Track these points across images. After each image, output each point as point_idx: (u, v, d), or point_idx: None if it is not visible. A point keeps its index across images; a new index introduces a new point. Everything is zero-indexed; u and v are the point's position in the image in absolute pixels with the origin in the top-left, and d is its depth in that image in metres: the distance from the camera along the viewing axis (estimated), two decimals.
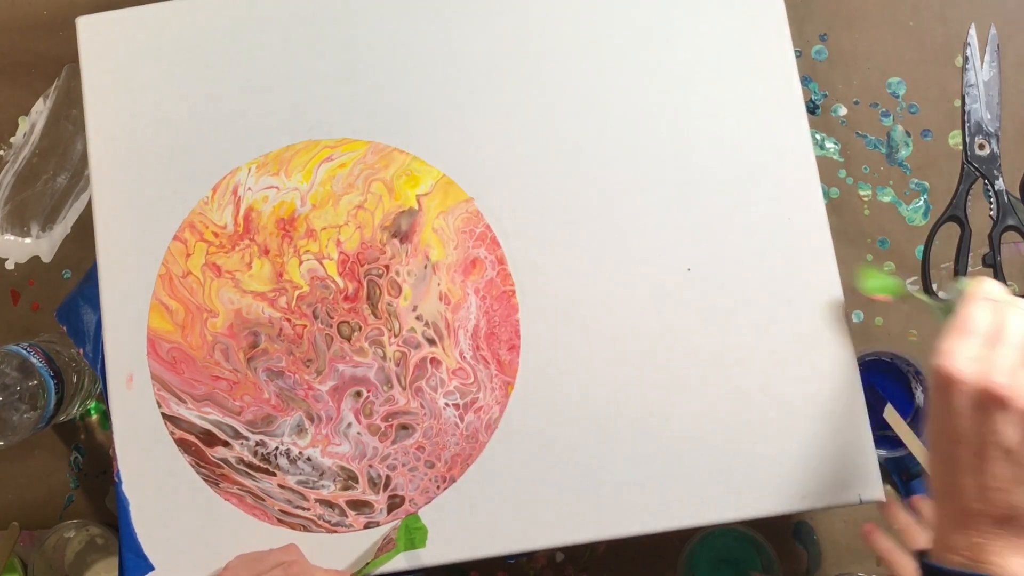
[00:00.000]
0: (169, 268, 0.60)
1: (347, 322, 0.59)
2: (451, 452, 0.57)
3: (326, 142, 0.60)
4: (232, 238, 0.60)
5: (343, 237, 0.59)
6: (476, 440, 0.57)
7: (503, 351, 0.58)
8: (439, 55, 0.60)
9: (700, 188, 0.58)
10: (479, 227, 0.59)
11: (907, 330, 0.72)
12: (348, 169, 0.60)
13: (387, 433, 0.58)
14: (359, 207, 0.59)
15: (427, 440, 0.57)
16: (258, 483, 0.58)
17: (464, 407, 0.57)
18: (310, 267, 0.59)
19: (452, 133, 0.60)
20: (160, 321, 0.60)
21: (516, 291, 0.58)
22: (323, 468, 0.58)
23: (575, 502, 0.56)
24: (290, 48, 0.61)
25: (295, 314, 0.59)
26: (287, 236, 0.60)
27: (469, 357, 0.58)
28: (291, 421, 0.58)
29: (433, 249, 0.59)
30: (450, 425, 0.57)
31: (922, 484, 0.71)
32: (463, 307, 0.58)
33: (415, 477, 0.57)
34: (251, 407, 0.59)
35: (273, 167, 0.60)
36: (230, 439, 0.59)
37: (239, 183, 0.60)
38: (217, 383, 0.59)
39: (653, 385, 0.57)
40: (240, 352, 0.59)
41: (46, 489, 0.74)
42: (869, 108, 0.74)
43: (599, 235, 0.58)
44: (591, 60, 0.60)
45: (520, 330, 0.58)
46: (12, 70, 0.77)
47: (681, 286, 0.58)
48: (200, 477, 0.59)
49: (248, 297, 0.59)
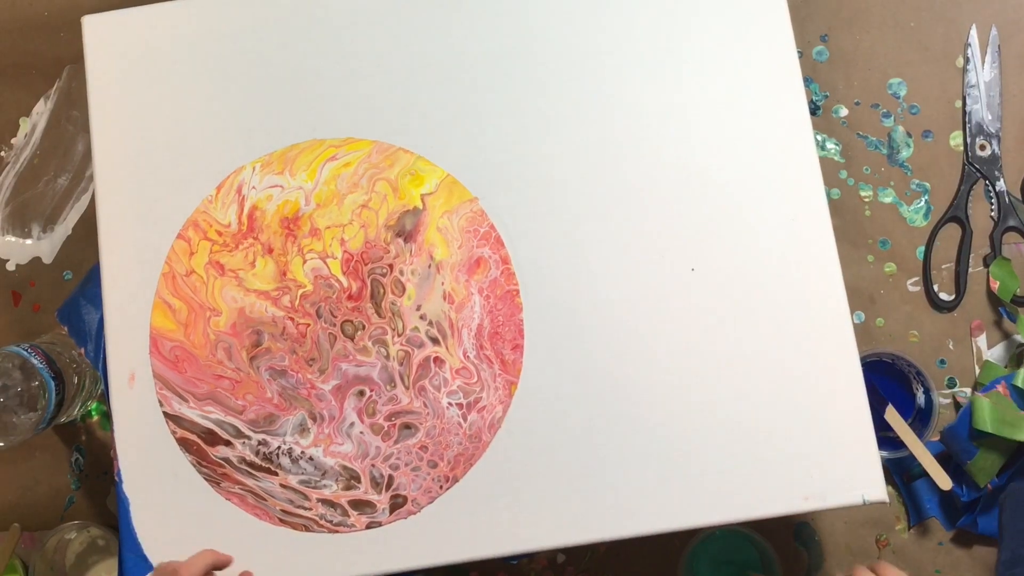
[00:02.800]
0: (172, 266, 0.60)
1: (351, 321, 0.59)
2: (454, 452, 0.57)
3: (331, 141, 0.60)
4: (236, 237, 0.60)
5: (347, 236, 0.59)
6: (479, 440, 0.57)
7: (507, 350, 0.58)
8: (444, 55, 0.61)
9: (704, 188, 0.58)
10: (483, 226, 0.59)
11: (908, 331, 0.73)
12: (353, 168, 0.60)
13: (390, 432, 0.57)
14: (363, 206, 0.59)
15: (430, 440, 0.57)
16: (260, 483, 0.58)
17: (467, 406, 0.57)
18: (314, 266, 0.59)
19: (457, 133, 0.60)
20: (163, 320, 0.60)
21: (520, 290, 0.58)
22: (325, 467, 0.58)
23: (577, 502, 0.56)
24: (295, 47, 0.61)
25: (298, 313, 0.59)
26: (291, 235, 0.60)
27: (473, 356, 0.58)
28: (293, 420, 0.58)
29: (437, 248, 0.59)
30: (453, 424, 0.57)
31: (924, 485, 0.71)
32: (467, 306, 0.58)
33: (418, 477, 0.57)
34: (253, 406, 0.59)
35: (277, 166, 0.60)
36: (232, 438, 0.58)
37: (243, 182, 0.60)
38: (219, 382, 0.59)
39: (656, 385, 0.57)
40: (243, 351, 0.59)
41: (47, 490, 0.74)
42: (870, 109, 0.74)
43: (603, 235, 0.58)
44: (596, 61, 0.60)
45: (524, 329, 0.58)
46: (13, 71, 0.78)
47: (685, 286, 0.58)
48: (201, 476, 0.58)
49: (251, 296, 0.59)
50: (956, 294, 0.73)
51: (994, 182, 0.73)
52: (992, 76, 0.74)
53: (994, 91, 0.73)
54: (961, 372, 0.72)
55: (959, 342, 0.72)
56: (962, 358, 0.72)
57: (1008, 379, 0.69)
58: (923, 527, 0.71)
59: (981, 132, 0.73)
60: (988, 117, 0.73)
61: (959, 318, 0.73)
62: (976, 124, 0.73)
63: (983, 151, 0.73)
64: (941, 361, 0.72)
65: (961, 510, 0.70)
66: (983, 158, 0.73)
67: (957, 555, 0.71)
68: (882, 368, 0.71)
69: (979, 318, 0.72)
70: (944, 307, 0.73)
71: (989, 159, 0.73)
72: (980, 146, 0.73)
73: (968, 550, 0.71)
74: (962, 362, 0.72)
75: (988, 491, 0.68)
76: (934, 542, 0.71)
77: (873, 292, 0.73)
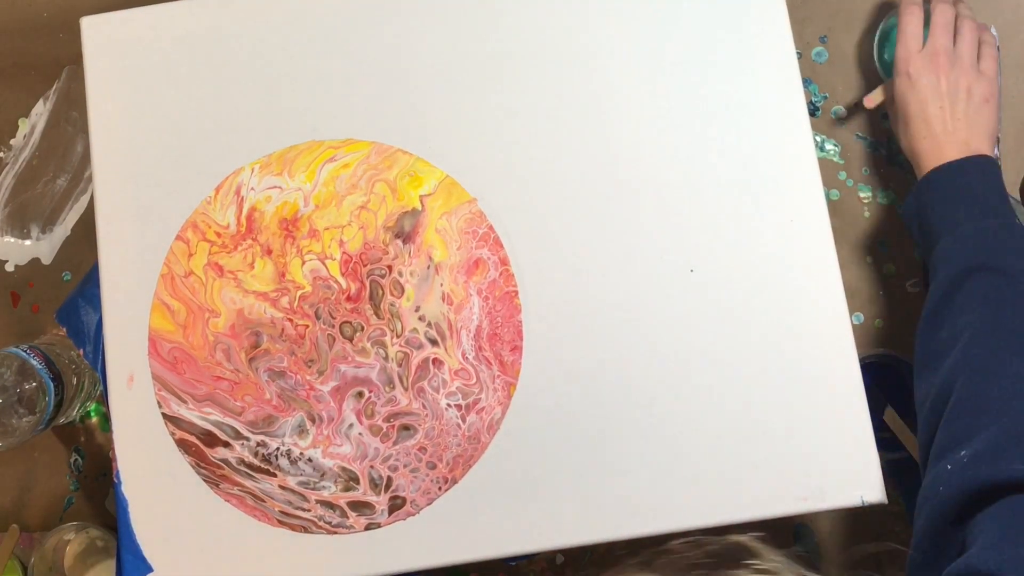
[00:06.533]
0: (171, 267, 0.60)
1: (349, 322, 0.59)
2: (453, 453, 0.57)
3: (330, 142, 0.60)
4: (235, 238, 0.60)
5: (346, 237, 0.59)
6: (478, 441, 0.57)
7: (505, 352, 0.58)
8: (444, 57, 0.61)
9: (703, 190, 0.58)
10: (482, 228, 0.59)
11: (907, 332, 0.73)
12: (352, 170, 0.60)
13: (389, 434, 0.57)
14: (362, 207, 0.59)
15: (429, 441, 0.57)
16: (258, 484, 0.58)
17: (466, 408, 0.57)
18: (313, 267, 0.59)
19: (456, 134, 0.60)
20: (161, 321, 0.60)
21: (519, 292, 0.58)
22: (324, 469, 0.58)
23: (576, 504, 0.56)
24: (294, 48, 0.61)
25: (297, 314, 0.59)
26: (290, 236, 0.60)
27: (471, 358, 0.58)
28: (292, 422, 0.58)
29: (436, 250, 0.59)
30: (452, 426, 0.57)
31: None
32: (466, 308, 0.58)
33: (416, 478, 0.57)
34: (252, 407, 0.59)
35: (276, 167, 0.60)
36: (231, 440, 0.58)
37: (242, 183, 0.60)
38: (218, 383, 0.59)
39: (654, 386, 0.57)
40: (242, 352, 0.59)
41: (46, 491, 0.74)
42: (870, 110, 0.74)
43: (602, 236, 0.58)
44: (595, 62, 0.60)
45: (523, 331, 0.58)
46: (12, 72, 0.78)
47: (684, 287, 0.58)
48: (200, 478, 0.58)
49: (250, 297, 0.59)
50: None
51: None
52: None
53: None
54: None
55: None
56: None
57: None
58: None
59: None
60: None
61: None
62: None
63: None
64: None
65: None
66: None
67: None
68: (881, 369, 0.71)
69: None
70: None
71: None
72: None
73: None
74: None
75: None
76: None
77: (872, 293, 0.73)
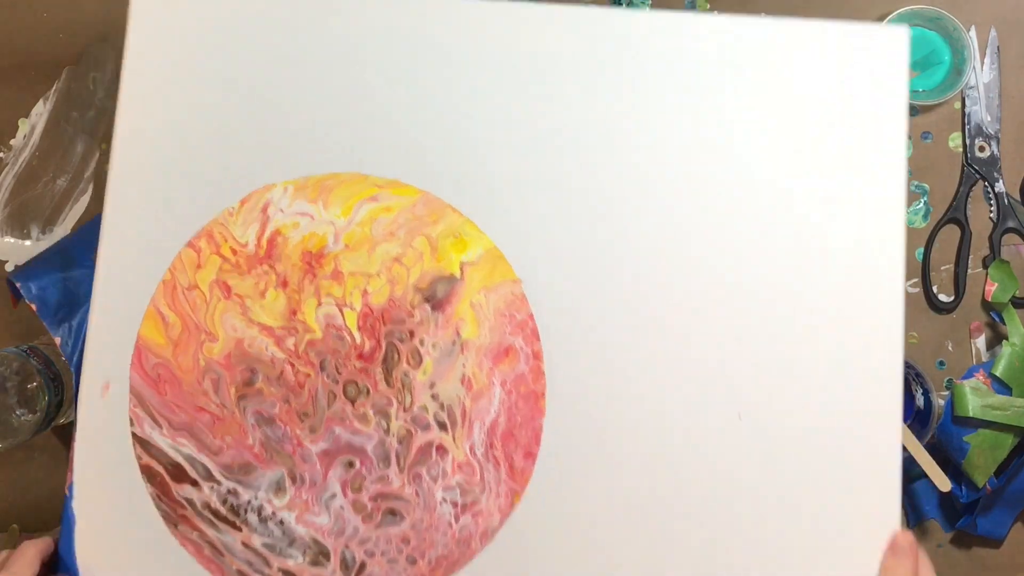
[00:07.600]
0: (175, 275, 0.54)
1: (355, 383, 0.53)
2: (438, 553, 0.52)
3: (375, 179, 0.54)
4: (251, 260, 0.54)
5: (371, 288, 0.53)
6: (467, 546, 0.52)
7: (518, 456, 0.52)
8: (517, 118, 0.54)
9: (764, 326, 0.52)
10: (521, 314, 0.53)
11: (907, 332, 0.71)
12: (393, 215, 0.54)
13: (373, 515, 0.52)
14: (396, 259, 0.54)
15: (414, 533, 0.52)
16: (220, 535, 0.53)
17: (462, 507, 0.52)
18: (328, 312, 0.53)
19: (511, 203, 0.53)
20: (153, 331, 0.54)
21: (546, 394, 0.52)
22: (295, 536, 0.52)
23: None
24: (361, 66, 0.55)
25: (301, 360, 0.53)
26: (310, 272, 0.54)
27: (480, 454, 0.52)
28: (271, 476, 0.53)
29: (466, 325, 0.53)
30: (443, 523, 0.52)
31: (923, 486, 0.72)
32: (485, 397, 0.52)
33: (393, 570, 0.52)
34: (231, 450, 0.53)
35: (312, 192, 0.54)
36: (200, 479, 0.53)
37: (271, 201, 0.54)
38: (200, 415, 0.53)
39: (675, 530, 0.51)
40: (232, 387, 0.53)
41: (46, 492, 0.74)
42: None
43: (653, 358, 0.52)
44: (673, 138, 0.53)
45: (541, 437, 0.52)
46: (11, 72, 0.77)
47: (732, 441, 0.51)
48: (160, 513, 0.53)
49: (254, 329, 0.54)
50: (955, 296, 0.74)
51: (993, 183, 0.73)
52: (991, 77, 0.74)
53: (993, 92, 0.74)
54: (960, 374, 0.73)
55: (958, 344, 0.73)
56: (961, 360, 0.73)
57: (986, 367, 0.70)
58: (922, 528, 0.72)
59: (980, 133, 0.74)
60: (987, 118, 0.74)
61: (958, 320, 0.73)
62: (975, 125, 0.74)
63: (982, 152, 0.73)
64: (940, 363, 0.73)
65: (960, 511, 0.71)
66: (982, 159, 0.73)
67: (956, 556, 0.72)
68: None
69: (978, 320, 0.73)
70: (943, 309, 0.74)
71: (988, 160, 0.73)
72: (979, 147, 0.73)
73: (967, 551, 0.72)
74: (961, 364, 0.73)
75: (987, 492, 0.68)
76: (933, 544, 0.73)
77: None
